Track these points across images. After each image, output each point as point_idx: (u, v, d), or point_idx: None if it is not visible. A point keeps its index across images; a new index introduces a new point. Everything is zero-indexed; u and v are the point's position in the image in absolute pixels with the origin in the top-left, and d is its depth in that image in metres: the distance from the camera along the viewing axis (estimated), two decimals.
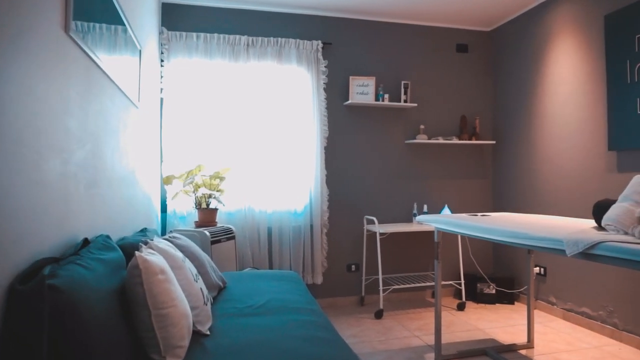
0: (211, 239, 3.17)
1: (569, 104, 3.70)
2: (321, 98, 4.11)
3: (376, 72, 4.35)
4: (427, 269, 4.48)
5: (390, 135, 4.40)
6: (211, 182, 3.53)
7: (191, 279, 1.70)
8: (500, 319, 3.76)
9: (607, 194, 3.33)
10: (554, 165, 3.86)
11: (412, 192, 4.44)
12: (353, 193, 4.28)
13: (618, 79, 3.21)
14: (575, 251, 1.80)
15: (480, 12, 4.23)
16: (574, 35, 3.64)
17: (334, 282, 4.21)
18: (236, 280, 2.61)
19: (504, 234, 2.20)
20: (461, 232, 2.60)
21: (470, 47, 4.64)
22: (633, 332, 3.14)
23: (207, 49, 3.84)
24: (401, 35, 4.43)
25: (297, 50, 4.05)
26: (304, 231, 4.05)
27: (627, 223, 1.87)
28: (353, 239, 4.28)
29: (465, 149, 4.61)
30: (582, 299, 3.56)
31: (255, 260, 3.89)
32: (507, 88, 4.46)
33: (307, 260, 4.04)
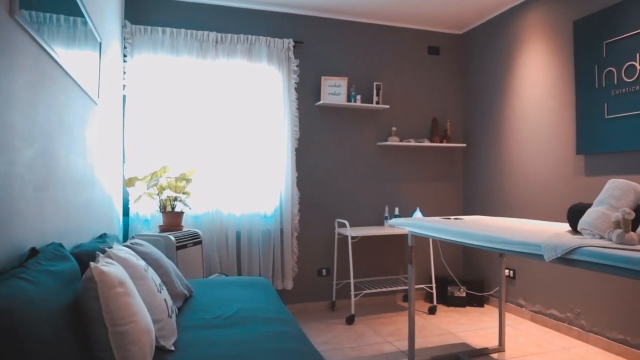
0: (177, 244, 3.01)
1: (538, 108, 3.74)
2: (292, 98, 4.01)
3: (348, 72, 4.29)
4: (398, 272, 4.45)
5: (362, 136, 4.34)
6: (177, 184, 3.37)
7: (154, 290, 1.57)
8: (471, 322, 3.76)
9: (575, 197, 3.38)
10: (524, 168, 3.89)
11: (383, 195, 4.39)
12: (324, 196, 4.20)
13: (586, 84, 3.25)
14: (554, 256, 1.77)
15: (452, 15, 4.24)
16: (543, 40, 3.68)
17: (305, 287, 4.11)
18: (203, 287, 2.47)
19: (481, 238, 2.16)
20: (437, 236, 2.55)
21: (442, 50, 4.64)
22: (599, 333, 3.19)
23: (173, 45, 3.67)
24: (373, 35, 4.39)
25: (267, 49, 3.94)
26: (274, 235, 3.93)
27: (604, 227, 1.86)
28: (324, 242, 4.19)
29: (436, 152, 4.61)
30: (550, 301, 3.60)
31: (223, 265, 3.74)
32: (477, 91, 4.49)
33: (277, 265, 3.92)
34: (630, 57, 2.94)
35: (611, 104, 3.07)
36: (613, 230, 1.77)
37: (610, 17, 3.07)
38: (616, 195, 1.91)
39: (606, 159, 3.15)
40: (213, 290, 2.42)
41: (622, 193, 1.91)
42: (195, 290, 2.39)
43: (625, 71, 2.97)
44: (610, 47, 3.07)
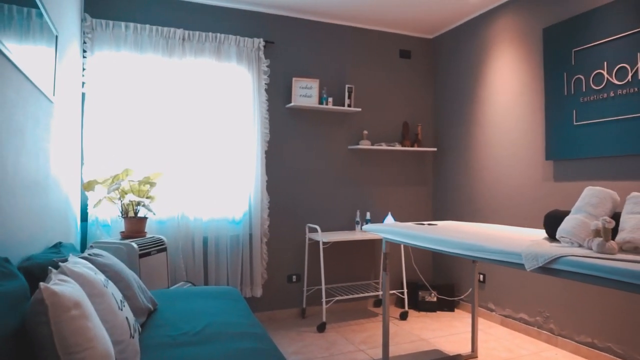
0: (140, 252, 2.83)
1: (508, 114, 3.77)
2: (262, 99, 3.89)
3: (320, 74, 4.20)
4: (369, 278, 4.39)
5: (334, 140, 4.27)
6: (140, 188, 3.18)
7: (115, 308, 1.42)
8: (443, 328, 3.74)
9: (544, 202, 3.42)
10: (494, 173, 3.92)
11: (354, 199, 4.33)
12: (295, 200, 4.09)
13: (555, 90, 3.29)
14: (535, 265, 1.73)
15: (423, 19, 4.23)
16: (513, 47, 3.71)
17: (274, 294, 3.99)
18: (168, 300, 2.32)
19: (460, 246, 2.11)
20: (413, 243, 2.49)
21: (413, 54, 4.63)
22: (568, 337, 3.22)
23: (137, 41, 3.48)
24: (346, 37, 4.32)
25: (237, 48, 3.80)
26: (242, 241, 3.79)
27: (583, 235, 1.84)
28: (294, 248, 4.09)
29: (407, 156, 4.59)
30: (519, 305, 3.63)
31: (190, 273, 3.58)
32: (448, 96, 4.50)
33: (246, 271, 3.79)
34: (598, 66, 2.98)
35: (580, 111, 3.11)
36: (593, 239, 1.75)
37: (579, 26, 3.11)
38: (594, 203, 1.90)
39: (575, 165, 3.19)
40: (179, 302, 2.27)
41: (600, 201, 1.90)
42: (160, 302, 2.24)
43: (593, 79, 3.02)
44: (579, 55, 3.12)
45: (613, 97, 2.90)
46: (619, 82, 2.86)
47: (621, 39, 2.85)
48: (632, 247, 1.70)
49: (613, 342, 2.93)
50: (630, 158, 2.84)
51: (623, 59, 2.84)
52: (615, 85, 2.89)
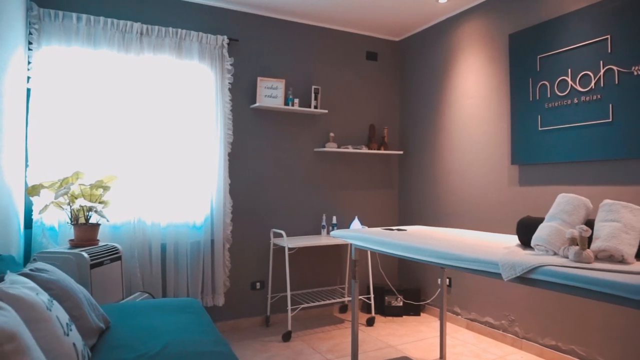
0: (91, 262, 2.62)
1: (474, 118, 3.78)
2: (226, 99, 3.73)
3: (286, 74, 4.08)
4: (335, 283, 4.31)
5: (300, 142, 4.15)
6: (92, 192, 2.95)
7: (60, 334, 1.25)
8: (410, 333, 3.70)
9: (509, 206, 3.44)
10: (459, 177, 3.92)
11: (320, 203, 4.23)
12: (259, 204, 3.95)
13: (521, 96, 3.32)
14: (512, 275, 1.69)
15: (390, 21, 4.19)
16: (480, 51, 3.73)
17: (237, 303, 3.82)
18: (123, 315, 2.13)
19: (434, 255, 2.05)
20: (384, 250, 2.42)
21: (380, 56, 4.59)
22: (533, 340, 3.25)
23: (90, 35, 3.24)
24: (312, 37, 4.22)
25: (199, 45, 3.62)
26: (203, 247, 3.61)
27: (558, 244, 1.82)
28: (258, 254, 3.94)
29: (374, 159, 4.54)
30: (485, 309, 3.64)
31: (146, 282, 3.36)
32: (414, 98, 4.48)
33: (207, 279, 3.61)
34: (563, 72, 3.02)
35: (544, 116, 3.15)
36: (568, 247, 1.72)
37: (544, 33, 3.15)
38: (568, 210, 1.88)
39: (539, 170, 3.22)
40: (135, 318, 2.09)
41: (574, 208, 1.89)
42: (113, 319, 2.05)
43: (557, 86, 3.06)
44: (544, 62, 3.15)
45: (577, 104, 2.94)
46: (583, 89, 2.90)
47: (585, 47, 2.89)
48: (606, 255, 1.68)
49: (576, 345, 2.98)
50: (593, 164, 2.88)
51: (586, 66, 2.88)
52: (579, 92, 2.93)
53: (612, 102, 2.75)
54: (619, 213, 1.74)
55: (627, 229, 1.69)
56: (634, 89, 2.64)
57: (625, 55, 2.68)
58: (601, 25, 2.81)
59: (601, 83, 2.80)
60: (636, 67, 2.63)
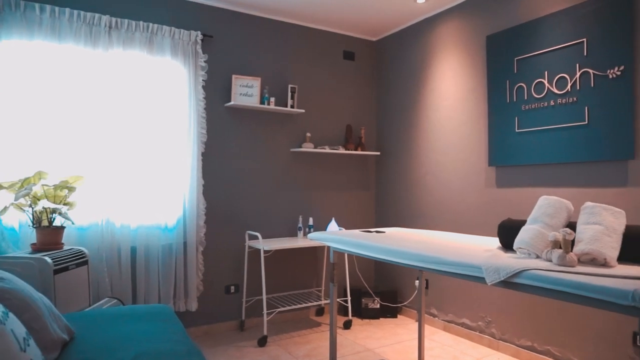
0: (55, 268, 2.47)
1: (451, 119, 3.77)
2: (199, 97, 3.60)
3: (262, 72, 3.98)
4: (311, 286, 4.23)
5: (276, 142, 4.06)
6: (56, 193, 2.79)
7: (15, 350, 1.14)
8: (387, 336, 3.66)
9: (487, 208, 3.44)
10: (436, 178, 3.91)
11: (297, 204, 4.16)
12: (234, 205, 3.84)
13: (498, 97, 3.33)
14: (496, 280, 1.65)
15: (367, 20, 4.15)
16: (457, 52, 3.73)
17: (211, 307, 3.71)
18: (89, 325, 2.00)
19: (416, 258, 2.00)
20: (364, 254, 2.36)
21: (357, 56, 4.55)
22: (509, 341, 3.26)
23: (54, 27, 3.07)
24: (289, 35, 4.14)
25: (172, 40, 3.49)
26: (176, 250, 3.48)
27: (540, 247, 1.80)
28: (233, 257, 3.83)
29: (351, 160, 4.49)
30: (462, 310, 3.64)
31: (115, 288, 3.21)
32: (391, 99, 4.46)
33: (180, 284, 3.48)
34: (539, 75, 3.04)
35: (521, 118, 3.16)
36: (551, 250, 1.70)
37: (521, 35, 3.16)
38: (550, 213, 1.87)
39: (516, 172, 3.23)
40: (101, 327, 1.97)
41: (555, 211, 1.87)
42: (78, 329, 1.92)
43: (534, 88, 3.07)
44: (521, 64, 3.16)
45: (553, 106, 2.96)
46: (559, 92, 2.92)
47: (561, 49, 2.91)
48: (589, 258, 1.67)
49: (552, 345, 2.99)
50: (569, 166, 2.90)
51: (563, 69, 2.91)
52: (555, 94, 2.95)
53: (587, 105, 2.77)
54: (600, 216, 1.74)
55: (609, 231, 1.68)
56: (609, 92, 2.67)
57: (601, 58, 2.71)
58: (577, 28, 2.83)
59: (577, 86, 2.82)
60: (611, 71, 2.66)
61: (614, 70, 2.65)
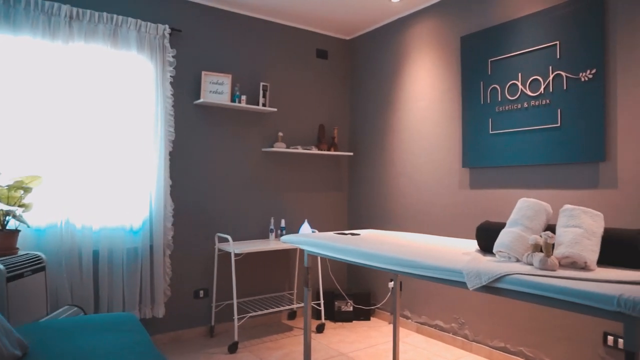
0: (8, 275, 2.28)
1: (426, 120, 3.76)
2: (167, 94, 3.45)
3: (233, 69, 3.86)
4: (282, 289, 4.14)
5: (247, 141, 3.95)
6: (10, 194, 2.60)
7: None
8: (361, 339, 3.61)
9: (460, 209, 3.44)
10: (410, 180, 3.89)
11: (268, 206, 4.05)
12: (203, 206, 3.70)
13: (472, 99, 3.33)
14: (478, 284, 1.61)
15: (340, 19, 4.09)
16: (432, 53, 3.71)
17: (179, 313, 3.56)
18: (45, 337, 1.85)
19: (395, 262, 1.94)
20: (340, 257, 2.29)
21: (330, 54, 4.48)
22: (482, 342, 3.27)
23: (9, 17, 2.86)
24: (261, 32, 4.03)
25: (137, 33, 3.32)
26: (142, 253, 3.32)
27: (521, 250, 1.77)
28: (202, 260, 3.69)
29: (323, 160, 4.42)
30: (435, 312, 3.62)
31: (76, 295, 3.03)
32: (365, 99, 4.41)
33: (146, 289, 3.32)
34: (513, 77, 3.05)
35: (495, 120, 3.16)
36: (532, 254, 1.68)
37: (495, 37, 3.17)
38: (529, 215, 1.85)
39: (490, 173, 3.24)
40: (59, 339, 1.82)
41: (535, 213, 1.85)
42: (32, 343, 1.77)
43: (508, 89, 3.08)
44: (495, 65, 3.17)
45: (527, 108, 2.98)
46: (532, 94, 2.94)
47: (535, 52, 2.93)
48: (569, 262, 1.65)
49: (524, 346, 3.01)
50: (542, 167, 2.92)
51: (536, 71, 2.92)
52: (528, 96, 2.96)
53: (560, 107, 2.80)
54: (580, 218, 1.72)
55: (589, 234, 1.67)
56: (581, 95, 2.70)
57: (573, 61, 2.74)
58: (550, 31, 2.85)
59: (550, 88, 2.84)
60: (583, 74, 2.69)
61: (586, 73, 2.68)
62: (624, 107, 2.55)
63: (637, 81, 2.50)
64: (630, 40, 2.53)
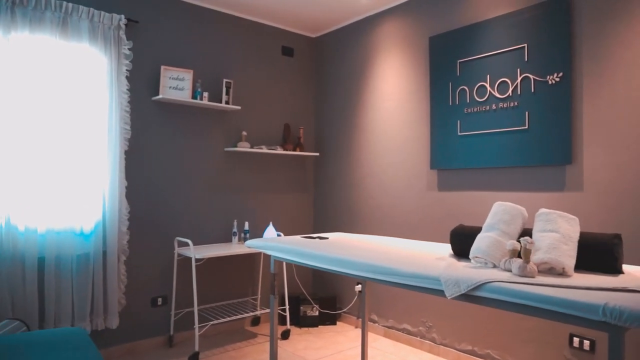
0: None
1: (393, 120, 3.70)
2: (122, 89, 3.23)
3: (194, 64, 3.67)
4: (246, 294, 3.98)
5: (209, 140, 3.76)
6: None
7: None
8: (327, 345, 3.51)
9: (428, 212, 3.40)
10: (377, 181, 3.82)
11: (231, 208, 3.88)
12: (162, 209, 3.49)
13: (441, 100, 3.29)
14: (457, 293, 1.54)
15: (307, 16, 3.98)
16: (400, 53, 3.66)
17: (135, 323, 3.34)
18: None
19: (368, 269, 1.85)
20: (310, 264, 2.18)
21: (296, 52, 4.36)
22: (449, 345, 3.24)
23: None
24: (225, 26, 3.85)
25: (90, 23, 3.08)
26: (94, 260, 3.08)
27: (498, 256, 1.72)
28: (160, 266, 3.48)
29: (289, 161, 4.29)
30: (402, 316, 3.57)
31: (18, 307, 2.76)
32: (331, 98, 4.32)
33: (98, 299, 3.08)
34: (482, 78, 3.04)
35: (463, 121, 3.14)
36: (510, 260, 1.63)
37: (464, 38, 3.15)
38: (506, 220, 1.80)
39: (458, 175, 3.21)
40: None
41: (511, 218, 1.81)
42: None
43: (477, 91, 3.07)
44: (464, 67, 3.15)
45: (495, 110, 2.97)
46: (501, 96, 2.93)
47: (503, 54, 2.92)
48: (547, 267, 1.61)
49: (491, 349, 3.00)
50: (510, 170, 2.92)
51: (504, 73, 2.92)
52: (497, 98, 2.95)
53: (528, 110, 2.80)
54: (556, 223, 1.69)
55: (566, 239, 1.64)
56: (549, 98, 2.71)
57: (541, 64, 2.74)
58: (518, 33, 2.85)
59: (518, 90, 2.84)
60: (551, 77, 2.70)
61: (554, 76, 2.69)
62: (590, 110, 2.57)
63: (603, 85, 2.52)
64: (596, 45, 2.55)
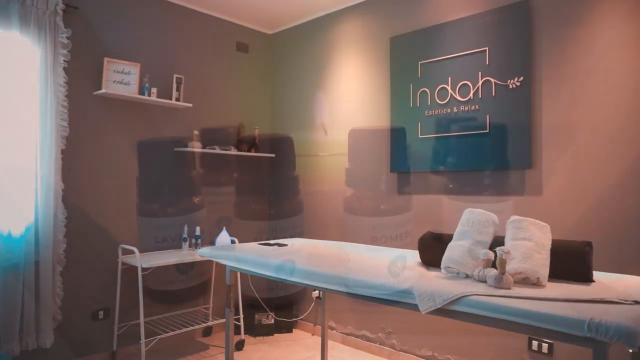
0: None
1: (353, 122, 3.61)
2: (59, 82, 2.92)
3: (142, 57, 3.40)
4: (197, 303, 3.75)
5: (158, 140, 3.50)
6: None
7: None
8: (284, 355, 3.36)
9: (388, 216, 3.33)
10: (336, 184, 3.71)
11: (181, 212, 3.64)
12: (104, 214, 3.20)
13: (402, 101, 3.23)
14: (432, 307, 1.45)
15: (262, 11, 3.81)
16: (360, 53, 3.57)
17: (73, 340, 3.03)
18: None
19: (334, 280, 1.72)
20: (270, 275, 2.02)
21: (251, 48, 4.17)
22: (409, 351, 3.18)
23: None
24: (176, 18, 3.61)
25: (21, 7, 2.76)
26: (24, 270, 2.76)
27: (471, 265, 1.64)
28: (102, 276, 3.19)
29: (243, 162, 4.09)
30: (361, 322, 3.49)
31: None
32: (288, 98, 4.17)
33: (29, 316, 2.76)
34: (443, 80, 3.00)
35: (425, 124, 3.10)
36: (484, 270, 1.55)
37: (426, 39, 3.10)
38: (477, 228, 1.73)
39: (419, 178, 3.16)
40: None
41: (483, 226, 1.74)
42: None
43: (438, 93, 3.03)
44: (425, 68, 3.10)
45: (456, 113, 2.94)
46: (462, 99, 2.90)
47: (464, 56, 2.90)
48: (521, 277, 1.55)
49: (452, 354, 2.97)
50: (471, 173, 2.90)
51: (466, 76, 2.89)
52: (458, 101, 2.92)
53: (489, 114, 2.78)
54: (529, 231, 1.64)
55: (539, 248, 1.59)
56: (509, 102, 2.70)
57: (502, 68, 2.73)
58: (479, 36, 2.83)
59: (479, 94, 2.82)
60: (511, 81, 2.69)
61: (514, 80, 2.68)
62: (549, 115, 2.59)
63: (562, 90, 2.54)
64: (556, 50, 2.57)
